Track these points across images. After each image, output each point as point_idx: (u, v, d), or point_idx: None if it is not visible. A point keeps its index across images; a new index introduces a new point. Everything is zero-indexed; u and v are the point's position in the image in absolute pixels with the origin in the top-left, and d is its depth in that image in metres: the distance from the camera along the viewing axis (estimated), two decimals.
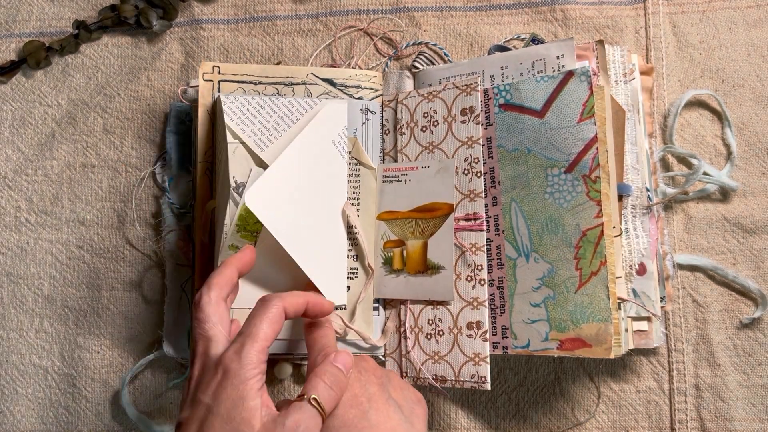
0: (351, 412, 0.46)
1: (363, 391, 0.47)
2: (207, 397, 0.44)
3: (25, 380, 0.66)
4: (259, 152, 0.59)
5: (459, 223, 0.58)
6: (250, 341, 0.46)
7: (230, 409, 0.44)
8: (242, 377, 0.44)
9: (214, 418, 0.44)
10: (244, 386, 0.44)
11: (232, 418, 0.44)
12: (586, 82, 0.54)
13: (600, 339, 0.52)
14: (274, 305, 0.48)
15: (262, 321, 0.47)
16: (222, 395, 0.44)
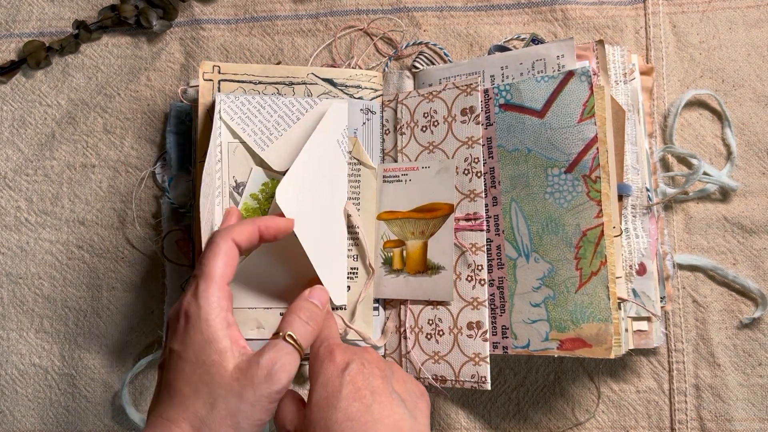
0: (354, 405, 0.44)
1: (366, 384, 0.46)
2: (176, 344, 0.45)
3: (25, 380, 0.66)
4: (260, 151, 0.59)
5: (459, 223, 0.58)
6: (204, 282, 0.46)
7: (198, 353, 0.44)
8: (204, 320, 0.44)
9: (185, 364, 0.44)
10: (208, 329, 0.44)
11: (201, 362, 0.44)
12: (586, 83, 0.54)
13: (600, 339, 0.52)
14: (222, 239, 0.47)
15: (213, 258, 0.47)
16: (188, 341, 0.44)
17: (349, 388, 0.45)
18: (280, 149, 0.59)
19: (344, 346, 0.49)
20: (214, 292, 0.45)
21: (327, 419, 0.44)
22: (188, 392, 0.43)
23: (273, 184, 0.60)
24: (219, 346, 0.44)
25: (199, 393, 0.43)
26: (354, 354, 0.48)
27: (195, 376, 0.44)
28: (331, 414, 0.44)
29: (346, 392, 0.45)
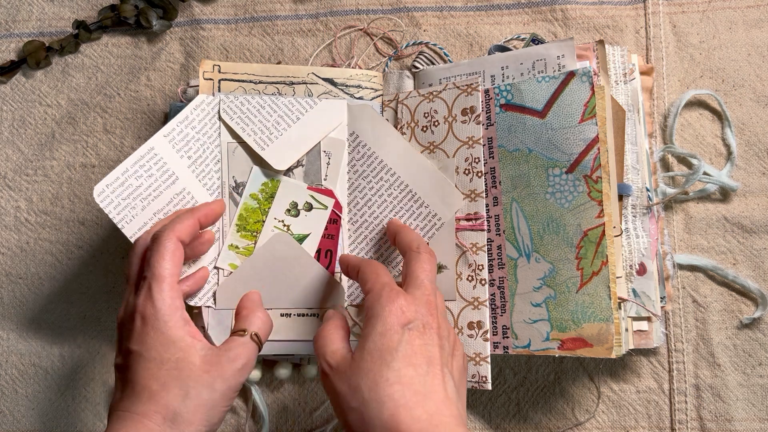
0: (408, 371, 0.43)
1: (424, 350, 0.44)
2: (134, 345, 0.46)
3: (25, 380, 0.66)
4: (260, 151, 0.59)
5: (460, 223, 0.58)
6: (156, 283, 0.47)
7: (162, 352, 0.46)
8: (162, 321, 0.46)
9: (148, 363, 0.46)
10: (169, 329, 0.46)
11: (167, 359, 0.46)
12: (587, 83, 0.54)
13: (601, 339, 0.52)
14: (167, 238, 0.49)
15: (161, 259, 0.48)
16: (148, 342, 0.46)
17: (406, 348, 0.44)
18: (280, 148, 0.59)
19: (408, 296, 0.46)
20: (168, 292, 0.47)
21: (377, 374, 0.43)
22: (156, 387, 0.45)
23: (273, 184, 0.60)
24: (182, 344, 0.46)
25: (168, 387, 0.45)
26: (418, 311, 0.46)
27: (162, 373, 0.45)
28: (383, 370, 0.43)
29: (402, 352, 0.43)
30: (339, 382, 0.44)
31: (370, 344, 0.44)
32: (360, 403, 0.42)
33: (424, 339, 0.45)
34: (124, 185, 0.56)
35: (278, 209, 0.59)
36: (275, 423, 0.64)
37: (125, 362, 0.47)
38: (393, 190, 0.58)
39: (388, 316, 0.45)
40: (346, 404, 0.43)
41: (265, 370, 0.63)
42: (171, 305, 0.47)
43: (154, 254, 0.48)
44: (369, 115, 0.59)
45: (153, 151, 0.57)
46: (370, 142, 0.59)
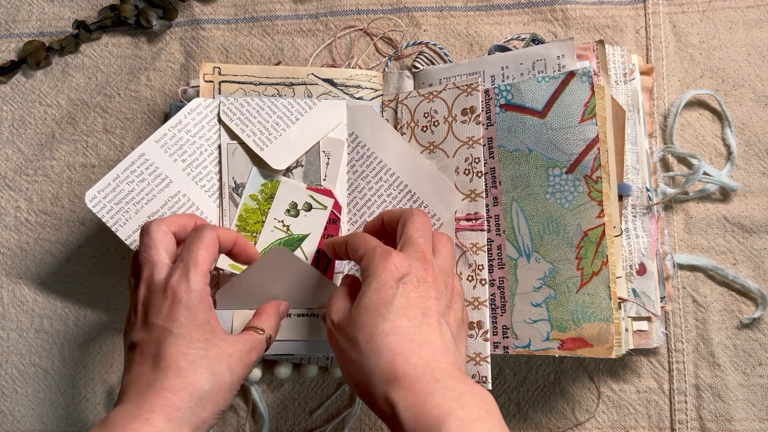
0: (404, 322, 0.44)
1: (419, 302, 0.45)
2: (161, 320, 0.47)
3: (25, 380, 0.66)
4: (259, 151, 0.59)
5: (460, 223, 0.58)
6: (193, 267, 0.48)
7: (192, 331, 0.47)
8: (196, 301, 0.47)
9: (177, 339, 0.46)
10: (198, 309, 0.47)
11: (196, 339, 0.47)
12: (587, 83, 0.54)
13: (601, 339, 0.52)
14: (209, 233, 0.50)
15: (200, 247, 0.49)
16: (178, 318, 0.47)
17: (401, 301, 0.45)
18: (280, 148, 0.59)
19: (401, 253, 0.47)
20: (202, 277, 0.48)
21: (373, 326, 0.44)
22: (184, 364, 0.46)
23: (272, 185, 0.60)
24: (209, 327, 0.48)
25: (196, 366, 0.46)
26: (411, 266, 0.46)
27: (191, 351, 0.46)
28: (378, 322, 0.44)
29: (397, 305, 0.45)
30: (340, 337, 0.46)
31: (365, 300, 0.45)
32: (359, 355, 0.44)
33: (419, 292, 0.46)
34: (116, 191, 0.57)
35: (278, 209, 0.59)
36: (275, 423, 0.64)
37: (150, 336, 0.47)
38: (392, 190, 0.58)
39: (382, 273, 0.46)
40: (348, 357, 0.45)
41: (265, 370, 0.63)
42: (204, 289, 0.48)
43: (195, 241, 0.49)
44: (368, 116, 0.59)
45: (144, 156, 0.58)
46: (370, 143, 0.59)
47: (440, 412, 0.40)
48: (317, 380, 0.64)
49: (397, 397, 0.42)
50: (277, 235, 0.58)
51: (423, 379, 0.42)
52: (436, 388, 0.41)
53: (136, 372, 0.47)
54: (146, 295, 0.49)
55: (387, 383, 0.42)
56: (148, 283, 0.49)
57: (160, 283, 0.48)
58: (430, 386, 0.41)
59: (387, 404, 0.42)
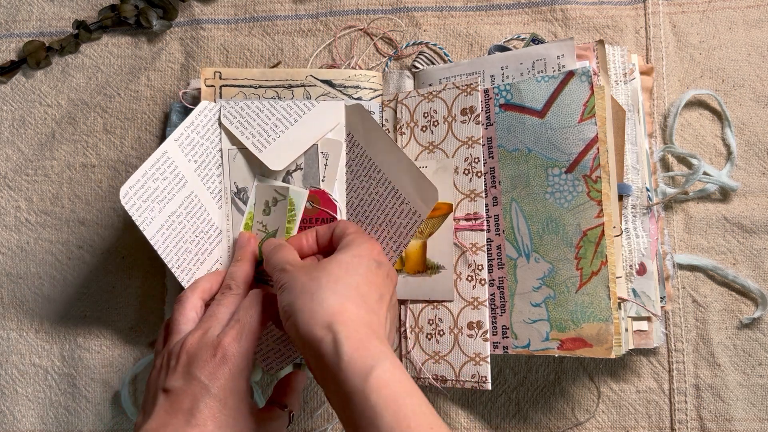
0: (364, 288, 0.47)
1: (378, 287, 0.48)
2: (204, 376, 0.46)
3: (25, 380, 0.66)
4: (258, 153, 0.59)
5: (459, 223, 0.58)
6: (248, 332, 0.48)
7: (228, 396, 0.46)
8: (241, 366, 0.47)
9: (211, 400, 0.46)
10: (241, 375, 0.47)
11: (230, 405, 0.46)
12: (587, 82, 0.54)
13: (601, 339, 0.52)
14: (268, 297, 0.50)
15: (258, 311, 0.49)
16: (220, 380, 0.46)
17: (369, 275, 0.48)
18: (278, 150, 0.59)
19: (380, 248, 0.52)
20: (253, 342, 0.49)
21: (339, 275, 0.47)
22: (212, 429, 0.45)
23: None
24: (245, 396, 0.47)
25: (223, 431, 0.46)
26: (387, 261, 0.51)
27: (222, 415, 0.46)
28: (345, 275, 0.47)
29: (366, 274, 0.48)
30: (300, 273, 0.48)
31: (342, 257, 0.48)
32: (316, 288, 0.46)
33: (386, 282, 0.49)
34: (144, 187, 0.56)
35: (258, 212, 0.59)
36: None
37: (187, 389, 0.46)
38: (379, 187, 0.57)
39: (366, 248, 0.49)
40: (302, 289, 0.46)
41: None
42: (250, 356, 0.48)
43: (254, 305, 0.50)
44: (360, 114, 0.59)
45: (167, 154, 0.57)
46: (362, 142, 0.59)
47: (378, 351, 0.43)
48: None
49: (339, 328, 0.43)
50: (260, 237, 0.58)
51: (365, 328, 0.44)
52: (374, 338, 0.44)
53: (161, 420, 0.46)
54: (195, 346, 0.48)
55: (333, 315, 0.44)
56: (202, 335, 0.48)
57: (213, 338, 0.48)
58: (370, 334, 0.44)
59: (328, 331, 0.43)
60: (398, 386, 0.41)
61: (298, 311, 0.45)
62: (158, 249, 0.55)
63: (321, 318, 0.44)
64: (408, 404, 0.40)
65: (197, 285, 0.53)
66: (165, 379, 0.47)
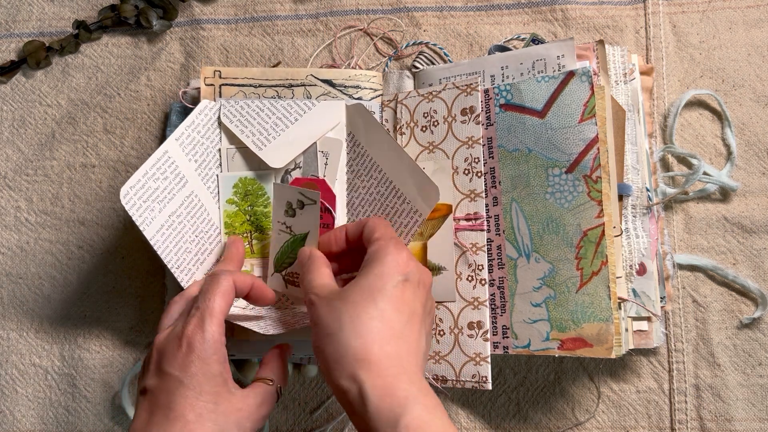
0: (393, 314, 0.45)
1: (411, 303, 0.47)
2: (174, 369, 0.46)
3: (25, 380, 0.66)
4: (257, 151, 0.59)
5: (459, 223, 0.58)
6: (209, 316, 0.47)
7: (203, 383, 0.46)
8: (210, 353, 0.46)
9: (186, 390, 0.46)
10: (212, 361, 0.47)
11: (206, 392, 0.46)
12: (587, 83, 0.54)
13: (601, 339, 0.52)
14: (225, 279, 0.49)
15: (215, 295, 0.48)
16: (191, 369, 0.46)
17: (396, 294, 0.46)
18: (278, 148, 0.59)
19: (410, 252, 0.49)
20: (218, 327, 0.48)
21: (361, 307, 0.45)
22: (192, 417, 0.45)
23: (244, 182, 0.60)
24: (221, 380, 0.47)
25: (203, 420, 0.45)
26: (417, 267, 0.48)
27: (200, 404, 0.45)
28: (368, 305, 0.45)
29: (391, 296, 0.46)
30: (324, 308, 0.47)
31: (363, 281, 0.46)
32: (338, 329, 0.45)
33: (416, 294, 0.47)
34: (144, 187, 0.56)
35: (278, 212, 0.58)
36: (275, 423, 0.64)
37: (161, 385, 0.46)
38: (380, 187, 0.58)
39: (390, 263, 0.47)
40: (326, 330, 0.46)
41: None
42: (219, 340, 0.47)
43: (211, 288, 0.49)
44: (361, 114, 0.59)
45: (167, 154, 0.57)
46: (363, 141, 0.59)
47: (406, 395, 0.42)
48: (317, 380, 0.64)
49: (364, 377, 0.42)
50: (283, 238, 0.57)
51: (393, 367, 0.43)
52: (403, 378, 0.43)
53: (144, 421, 0.46)
54: (163, 342, 0.48)
55: (357, 362, 0.43)
56: (167, 333, 0.49)
57: (177, 331, 0.48)
58: (398, 374, 0.43)
59: (353, 382, 0.43)
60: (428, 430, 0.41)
61: (323, 359, 0.45)
62: (158, 249, 0.55)
63: (345, 368, 0.44)
64: None
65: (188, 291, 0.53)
66: (143, 380, 0.48)
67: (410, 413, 0.41)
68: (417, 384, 0.43)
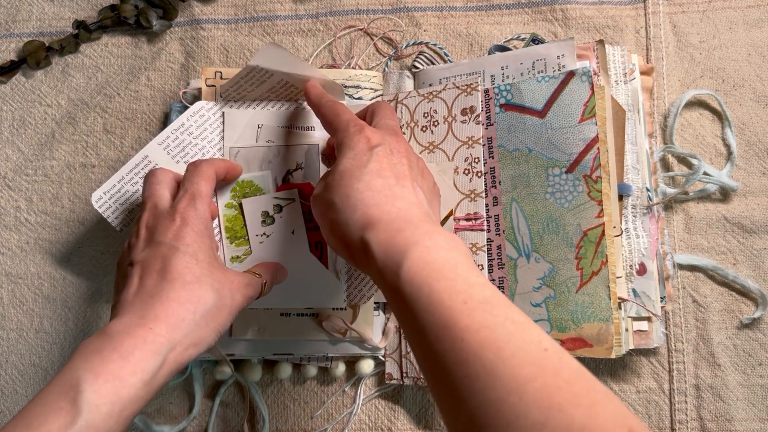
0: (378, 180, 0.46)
1: (391, 167, 0.47)
2: (168, 238, 0.48)
3: (25, 380, 0.66)
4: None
5: (459, 223, 0.58)
6: (198, 196, 0.50)
7: (198, 251, 0.48)
8: (201, 227, 0.49)
9: (182, 255, 0.47)
10: (205, 234, 0.49)
11: (201, 259, 0.47)
12: (587, 82, 0.54)
13: (601, 339, 0.52)
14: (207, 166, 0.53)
15: (201, 179, 0.51)
16: (186, 238, 0.48)
17: (374, 165, 0.47)
18: None
19: (374, 129, 0.50)
20: (207, 207, 0.51)
21: (348, 187, 0.46)
22: (190, 278, 0.46)
23: (241, 185, 0.59)
24: (213, 253, 0.49)
25: (202, 281, 0.47)
26: (384, 138, 0.49)
27: (197, 268, 0.47)
28: (353, 183, 0.46)
29: (371, 168, 0.47)
30: (319, 203, 0.48)
31: (340, 167, 0.47)
32: (336, 213, 0.46)
33: (392, 159, 0.48)
34: (121, 191, 0.58)
35: (254, 226, 0.58)
36: (275, 423, 0.64)
37: (155, 253, 0.47)
38: None
39: (356, 144, 0.48)
40: (327, 220, 0.47)
41: (265, 370, 0.63)
42: (208, 219, 0.50)
43: (196, 174, 0.52)
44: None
45: (147, 158, 0.59)
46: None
47: (407, 242, 0.42)
48: (317, 380, 0.64)
49: (370, 236, 0.43)
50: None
51: (395, 221, 0.44)
52: (407, 226, 0.43)
53: (137, 286, 0.46)
54: (151, 219, 0.50)
55: (362, 228, 0.44)
56: (153, 211, 0.50)
57: (167, 209, 0.50)
58: (401, 225, 0.43)
59: (362, 244, 0.44)
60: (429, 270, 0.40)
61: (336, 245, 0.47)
62: None
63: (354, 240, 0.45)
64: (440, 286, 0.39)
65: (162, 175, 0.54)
66: (130, 255, 0.49)
67: (410, 258, 0.41)
68: (422, 228, 0.43)
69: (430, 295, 0.39)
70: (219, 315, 0.47)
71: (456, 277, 0.40)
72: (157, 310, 0.44)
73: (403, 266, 0.41)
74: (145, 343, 0.43)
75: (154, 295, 0.45)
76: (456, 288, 0.39)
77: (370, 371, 0.62)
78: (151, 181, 0.52)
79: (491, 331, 0.37)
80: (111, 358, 0.42)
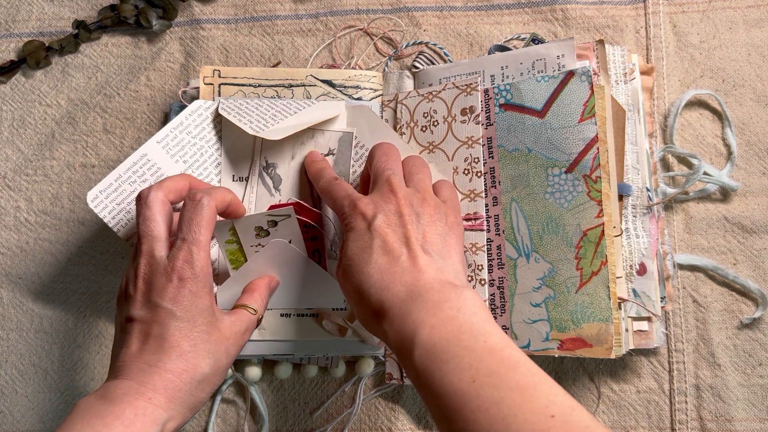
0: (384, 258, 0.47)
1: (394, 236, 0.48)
2: (166, 302, 0.47)
3: (25, 380, 0.66)
4: (255, 133, 0.56)
5: None
6: (196, 248, 0.48)
7: (196, 316, 0.48)
8: (199, 285, 0.48)
9: (180, 322, 0.47)
10: (203, 294, 0.48)
11: (200, 323, 0.48)
12: (587, 82, 0.54)
13: (601, 339, 0.52)
14: (208, 206, 0.49)
15: (201, 225, 0.49)
16: (183, 302, 0.47)
17: (377, 242, 0.48)
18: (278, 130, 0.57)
19: (366, 197, 0.51)
20: (206, 259, 0.49)
21: (359, 273, 0.47)
22: (187, 347, 0.47)
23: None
24: (211, 311, 0.49)
25: (199, 349, 0.47)
26: (376, 206, 0.49)
27: (194, 335, 0.47)
28: (363, 268, 0.47)
29: (375, 245, 0.48)
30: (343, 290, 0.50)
31: (349, 252, 0.49)
32: (358, 302, 0.48)
33: (391, 226, 0.49)
34: (118, 191, 0.57)
35: (248, 240, 0.57)
36: (275, 423, 0.64)
37: (153, 316, 0.47)
38: None
39: (356, 224, 0.49)
40: (353, 302, 0.49)
41: (265, 370, 0.63)
42: (208, 271, 0.49)
43: (195, 218, 0.49)
44: (366, 116, 0.59)
45: (146, 157, 0.58)
46: (368, 143, 0.59)
47: (413, 326, 0.43)
48: (317, 380, 0.64)
49: (386, 327, 0.45)
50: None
51: (404, 303, 0.45)
52: (413, 306, 0.44)
53: (136, 349, 0.47)
54: (148, 272, 0.48)
55: (381, 318, 0.46)
56: (149, 259, 0.49)
57: (163, 262, 0.48)
58: (409, 306, 0.44)
59: (383, 334, 0.46)
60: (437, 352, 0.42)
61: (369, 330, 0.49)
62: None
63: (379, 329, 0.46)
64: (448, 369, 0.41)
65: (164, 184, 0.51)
66: (128, 308, 0.48)
67: (418, 345, 0.42)
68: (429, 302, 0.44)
69: (442, 380, 0.41)
70: (215, 378, 0.49)
71: (462, 352, 0.41)
72: (155, 381, 0.46)
73: (414, 354, 0.42)
74: (144, 414, 0.44)
75: (152, 364, 0.46)
76: (462, 365, 0.41)
77: (370, 371, 0.62)
78: (145, 216, 0.49)
79: (499, 408, 0.39)
80: (113, 425, 0.43)
